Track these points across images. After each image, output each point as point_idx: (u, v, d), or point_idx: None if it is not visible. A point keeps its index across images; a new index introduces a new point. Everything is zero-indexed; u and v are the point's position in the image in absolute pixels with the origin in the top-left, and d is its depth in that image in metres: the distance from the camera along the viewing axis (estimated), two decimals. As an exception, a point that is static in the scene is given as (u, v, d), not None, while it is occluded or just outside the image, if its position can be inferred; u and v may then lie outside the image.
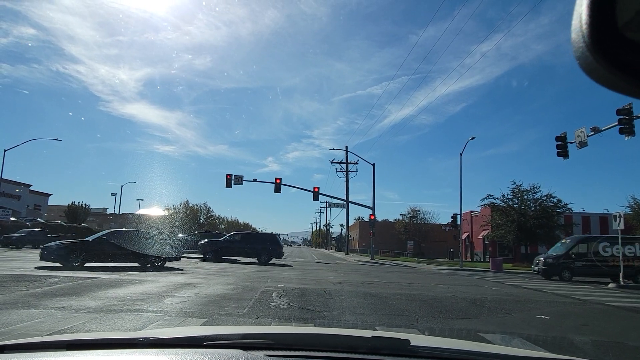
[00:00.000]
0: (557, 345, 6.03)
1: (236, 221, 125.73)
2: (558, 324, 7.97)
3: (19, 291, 8.63)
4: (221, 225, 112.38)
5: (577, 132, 18.58)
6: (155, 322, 6.15)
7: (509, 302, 10.48)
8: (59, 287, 9.43)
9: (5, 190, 46.80)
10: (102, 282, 10.89)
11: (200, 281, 11.95)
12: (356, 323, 6.90)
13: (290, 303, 8.41)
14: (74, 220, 58.07)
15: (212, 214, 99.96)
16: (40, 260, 14.70)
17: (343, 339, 1.75)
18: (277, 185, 33.88)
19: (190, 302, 8.13)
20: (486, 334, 6.21)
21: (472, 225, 48.82)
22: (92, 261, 15.66)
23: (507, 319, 7.99)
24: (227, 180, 33.53)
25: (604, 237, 22.24)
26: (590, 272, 20.97)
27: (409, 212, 60.18)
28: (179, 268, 16.62)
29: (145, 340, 1.55)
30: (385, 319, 7.31)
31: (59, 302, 7.42)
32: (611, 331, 7.75)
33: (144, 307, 7.31)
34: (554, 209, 34.27)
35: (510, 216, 34.77)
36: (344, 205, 44.85)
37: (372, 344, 1.58)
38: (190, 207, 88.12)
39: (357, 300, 9.42)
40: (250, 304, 8.11)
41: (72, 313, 6.58)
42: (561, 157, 19.57)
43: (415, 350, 1.57)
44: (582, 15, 0.59)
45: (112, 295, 8.61)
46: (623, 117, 16.16)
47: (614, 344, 6.50)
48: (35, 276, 11.42)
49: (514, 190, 35.26)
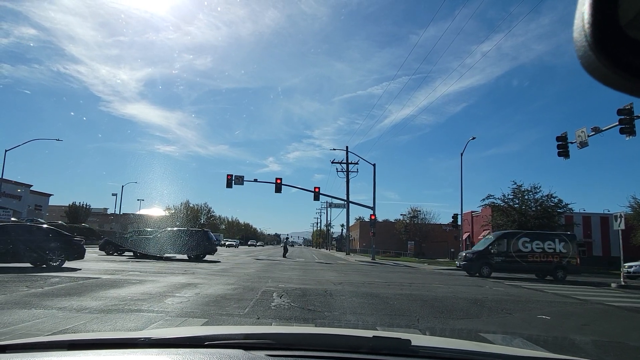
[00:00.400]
0: (558, 345, 6.02)
1: (237, 221, 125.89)
2: (559, 324, 7.97)
3: (20, 291, 8.64)
4: (222, 225, 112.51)
5: (578, 132, 18.56)
6: (156, 322, 6.15)
7: (509, 302, 10.47)
8: (60, 287, 9.44)
9: (6, 190, 46.83)
10: (103, 282, 10.90)
11: (201, 281, 11.96)
12: (357, 323, 6.89)
13: (291, 303, 8.41)
14: (75, 220, 58.11)
15: (213, 214, 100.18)
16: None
17: (344, 339, 1.75)
18: (278, 186, 33.88)
19: (191, 302, 8.13)
20: (487, 334, 6.21)
21: (473, 226, 48.75)
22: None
23: (508, 319, 7.98)
24: (228, 180, 33.53)
25: (524, 233, 21.99)
26: (509, 268, 20.78)
27: (410, 212, 60.23)
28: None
29: (147, 340, 1.55)
30: (386, 319, 7.30)
31: (60, 302, 7.43)
32: (612, 331, 7.74)
33: (145, 307, 7.31)
34: (554, 209, 34.20)
35: (510, 216, 34.71)
36: (345, 206, 44.85)
37: (373, 344, 1.58)
38: (191, 207, 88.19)
39: (358, 300, 9.42)
40: (251, 304, 8.12)
41: (73, 313, 6.58)
42: (562, 157, 19.54)
43: (416, 350, 1.57)
44: (584, 14, 0.59)
45: (113, 295, 8.61)
46: (624, 117, 16.14)
47: (615, 344, 6.49)
48: (37, 276, 11.44)
49: (515, 190, 35.19)
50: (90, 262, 17.82)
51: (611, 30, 0.58)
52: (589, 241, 43.08)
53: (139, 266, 17.11)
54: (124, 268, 15.70)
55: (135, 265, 17.39)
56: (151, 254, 23.22)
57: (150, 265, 18.31)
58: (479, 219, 45.01)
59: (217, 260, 24.24)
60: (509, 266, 20.74)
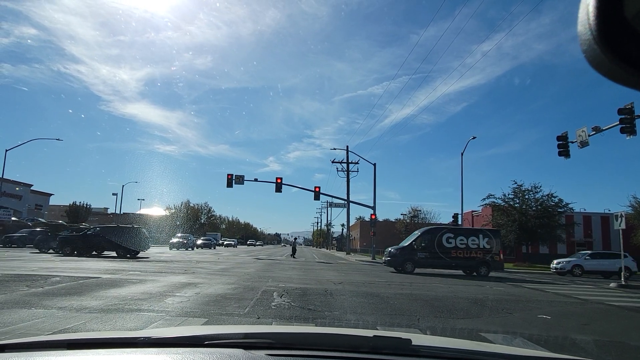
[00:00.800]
0: (558, 345, 6.02)
1: (237, 221, 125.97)
2: (559, 323, 7.96)
3: (20, 291, 8.64)
4: (222, 224, 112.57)
5: (579, 132, 18.55)
6: (156, 322, 6.15)
7: (510, 301, 10.46)
8: (60, 287, 9.44)
9: (6, 190, 46.85)
10: (103, 281, 10.90)
11: (202, 281, 11.96)
12: (357, 322, 6.89)
13: (292, 303, 8.41)
14: (75, 220, 58.11)
15: (213, 213, 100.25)
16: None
17: (345, 338, 1.75)
18: (278, 185, 33.87)
19: (192, 301, 8.13)
20: (488, 334, 6.21)
21: (474, 225, 48.72)
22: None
23: (509, 319, 7.98)
24: (228, 180, 33.52)
25: (449, 229, 21.64)
26: (433, 264, 20.38)
27: (410, 211, 60.15)
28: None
29: (147, 340, 1.54)
30: (387, 319, 7.30)
31: (60, 302, 7.43)
32: (613, 331, 7.74)
33: (145, 307, 7.31)
34: (555, 208, 34.21)
35: (511, 216, 34.71)
36: (345, 205, 44.82)
37: (373, 343, 1.57)
38: (191, 207, 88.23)
39: (359, 299, 9.41)
40: (251, 304, 8.11)
41: (73, 313, 6.58)
42: (562, 157, 19.54)
43: (417, 350, 1.57)
44: (589, 7, 0.58)
45: (113, 294, 8.61)
46: (624, 117, 16.13)
47: (615, 343, 6.48)
48: (37, 276, 11.44)
49: (515, 189, 35.20)
50: (90, 261, 17.79)
51: (617, 23, 0.57)
52: (590, 241, 43.07)
53: (139, 266, 17.12)
54: (124, 267, 15.71)
55: (135, 265, 17.40)
56: (81, 252, 23.07)
57: (151, 265, 18.32)
58: (480, 219, 45.02)
59: (146, 257, 23.85)
60: (433, 262, 20.37)
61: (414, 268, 20.25)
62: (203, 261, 22.79)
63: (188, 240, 45.71)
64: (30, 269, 13.62)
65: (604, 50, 0.58)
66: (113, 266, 16.28)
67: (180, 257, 27.45)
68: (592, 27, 0.58)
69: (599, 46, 0.58)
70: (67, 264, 16.25)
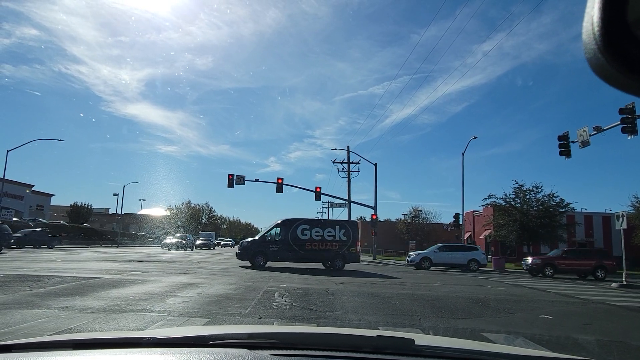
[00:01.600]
0: (560, 345, 6.02)
1: (238, 221, 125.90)
2: (561, 323, 7.96)
3: (23, 291, 8.66)
4: (223, 225, 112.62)
5: (580, 132, 18.54)
6: (159, 322, 6.16)
7: (511, 301, 10.46)
8: (63, 287, 9.46)
9: (8, 190, 46.95)
10: (105, 282, 10.92)
11: (203, 281, 11.97)
12: (359, 323, 6.90)
13: (293, 303, 8.42)
14: (77, 220, 58.27)
15: (214, 213, 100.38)
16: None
17: (348, 338, 1.76)
18: (279, 185, 33.89)
19: (193, 302, 8.15)
20: (489, 334, 6.21)
21: (475, 225, 48.70)
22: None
23: (510, 319, 7.98)
24: (229, 180, 33.54)
25: (304, 220, 20.78)
26: (286, 257, 19.58)
27: (411, 211, 60.17)
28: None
29: (151, 340, 1.55)
30: (388, 319, 7.31)
31: (62, 302, 7.45)
32: (614, 331, 7.73)
33: (147, 307, 7.33)
34: (556, 208, 34.15)
35: (512, 216, 34.67)
36: (346, 205, 44.77)
37: (376, 343, 1.58)
38: (193, 207, 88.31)
39: (360, 299, 9.42)
40: (252, 304, 8.12)
41: (76, 313, 6.60)
42: (564, 157, 19.54)
43: (419, 350, 1.58)
44: (593, 17, 0.58)
45: (115, 295, 8.63)
46: (625, 116, 16.12)
47: (617, 343, 6.48)
48: (39, 276, 11.46)
49: (516, 189, 35.15)
50: (91, 261, 17.84)
51: (620, 32, 0.57)
52: (591, 240, 43.03)
53: (141, 266, 17.16)
54: (126, 268, 15.74)
55: (137, 265, 17.44)
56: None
57: (152, 265, 18.35)
58: (481, 219, 44.97)
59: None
60: (287, 255, 19.56)
61: (265, 262, 19.19)
62: (204, 261, 22.82)
63: (187, 241, 45.78)
64: (32, 269, 13.64)
65: (609, 59, 0.58)
66: (115, 267, 16.31)
67: (181, 257, 27.50)
68: (597, 37, 0.58)
69: (604, 55, 0.58)
70: (69, 265, 16.29)
